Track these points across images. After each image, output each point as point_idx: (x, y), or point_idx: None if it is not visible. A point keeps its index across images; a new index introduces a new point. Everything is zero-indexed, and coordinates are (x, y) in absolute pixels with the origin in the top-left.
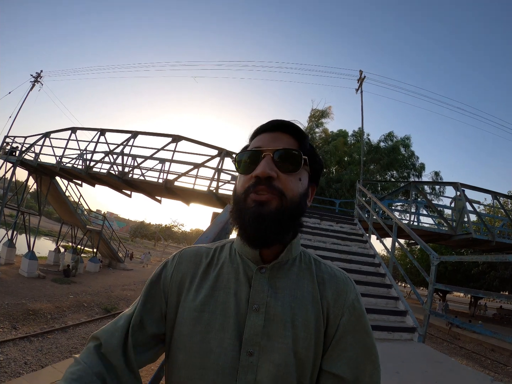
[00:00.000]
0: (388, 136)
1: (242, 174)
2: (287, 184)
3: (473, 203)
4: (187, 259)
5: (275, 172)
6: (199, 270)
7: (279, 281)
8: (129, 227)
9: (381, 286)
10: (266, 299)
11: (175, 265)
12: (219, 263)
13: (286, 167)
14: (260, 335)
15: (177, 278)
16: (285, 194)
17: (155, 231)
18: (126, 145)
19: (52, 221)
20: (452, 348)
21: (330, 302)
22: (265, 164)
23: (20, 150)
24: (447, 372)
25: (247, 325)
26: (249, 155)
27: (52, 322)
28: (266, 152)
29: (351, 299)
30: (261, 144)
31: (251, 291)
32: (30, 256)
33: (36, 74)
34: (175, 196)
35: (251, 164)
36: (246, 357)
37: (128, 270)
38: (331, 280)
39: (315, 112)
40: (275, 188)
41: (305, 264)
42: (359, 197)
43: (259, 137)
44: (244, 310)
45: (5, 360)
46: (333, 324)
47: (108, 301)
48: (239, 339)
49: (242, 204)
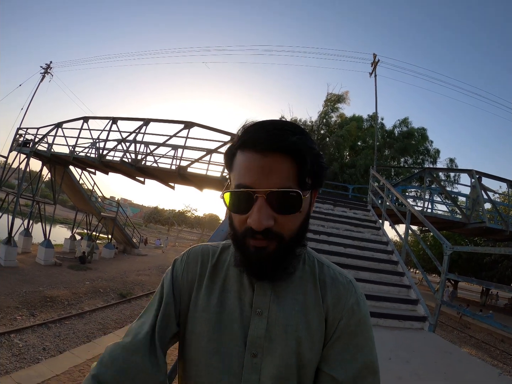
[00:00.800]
0: (403, 122)
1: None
2: (285, 226)
3: (488, 191)
4: (195, 258)
5: (272, 218)
6: (207, 270)
7: (281, 285)
8: (142, 213)
9: (394, 274)
10: (268, 303)
11: (184, 264)
12: (225, 265)
13: (283, 209)
14: (263, 338)
15: (187, 277)
16: (284, 236)
17: (168, 217)
18: (138, 133)
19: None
20: (462, 337)
21: (330, 306)
22: (259, 214)
23: (33, 141)
24: (456, 363)
25: (250, 328)
26: (239, 195)
27: (69, 308)
28: (259, 195)
29: (351, 303)
30: (250, 180)
31: (254, 296)
32: (46, 244)
33: (46, 66)
34: (188, 182)
35: (242, 205)
36: (250, 358)
37: (143, 256)
38: (332, 283)
39: (331, 96)
40: (273, 234)
41: (308, 266)
42: (373, 183)
43: (246, 162)
44: (248, 313)
45: (24, 346)
46: (331, 327)
47: (124, 287)
48: (244, 341)
49: (241, 243)
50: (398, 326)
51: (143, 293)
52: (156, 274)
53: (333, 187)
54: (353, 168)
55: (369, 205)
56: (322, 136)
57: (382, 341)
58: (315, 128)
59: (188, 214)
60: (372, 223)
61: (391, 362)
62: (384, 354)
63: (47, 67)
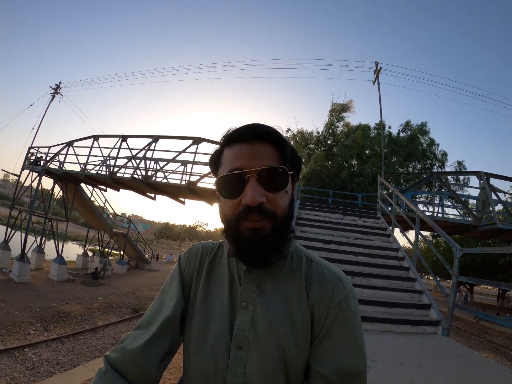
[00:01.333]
0: (406, 126)
1: (227, 199)
2: (277, 204)
3: (498, 192)
4: (195, 254)
5: (264, 196)
6: (205, 265)
7: (267, 280)
8: (154, 229)
9: (405, 280)
10: (254, 297)
11: (186, 260)
12: (221, 260)
13: (273, 186)
14: (248, 331)
15: (188, 271)
16: (276, 214)
17: (179, 232)
18: (148, 150)
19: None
20: (480, 342)
21: (315, 303)
22: (253, 190)
23: (44, 160)
24: (469, 365)
25: (236, 321)
26: (231, 179)
27: (83, 323)
28: (250, 174)
29: (338, 299)
30: (241, 163)
31: (240, 290)
32: (59, 260)
33: (56, 86)
34: (199, 197)
35: (235, 188)
36: (236, 350)
37: (155, 271)
38: (319, 280)
39: (335, 106)
40: (267, 212)
41: (295, 263)
42: (381, 191)
43: (236, 151)
44: (235, 306)
45: (38, 360)
46: (318, 324)
47: (136, 302)
48: (231, 333)
49: (235, 229)
50: (411, 331)
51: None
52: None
53: (343, 197)
54: (361, 177)
55: (378, 212)
56: (329, 147)
57: (395, 346)
58: (322, 139)
59: (199, 229)
60: (382, 231)
61: (403, 366)
62: (396, 359)
63: (56, 87)
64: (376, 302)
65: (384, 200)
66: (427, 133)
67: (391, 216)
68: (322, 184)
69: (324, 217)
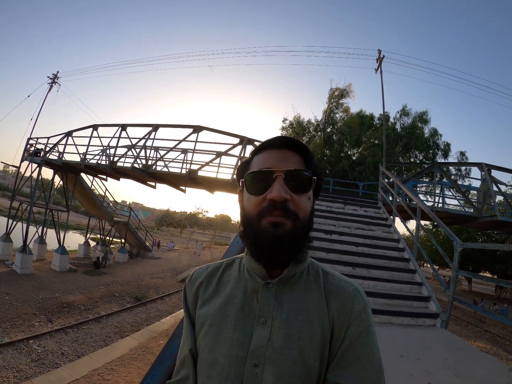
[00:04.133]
0: (402, 112)
1: (252, 195)
2: (300, 205)
3: (499, 184)
4: (198, 279)
5: (289, 194)
6: (210, 287)
7: (285, 295)
8: (154, 216)
9: (405, 271)
10: (272, 312)
11: (190, 287)
12: (228, 279)
13: (297, 188)
14: (265, 347)
15: (193, 298)
16: (299, 216)
17: (180, 219)
18: (148, 138)
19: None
20: (477, 331)
21: (335, 314)
22: (279, 187)
23: (44, 151)
24: (467, 360)
25: (253, 337)
26: (260, 175)
27: (86, 313)
28: (278, 173)
29: (358, 311)
30: (270, 164)
31: (258, 305)
32: (61, 251)
33: (53, 76)
34: (199, 185)
35: (262, 185)
36: (251, 368)
37: (156, 259)
38: (338, 292)
39: (334, 91)
40: (290, 211)
41: (312, 276)
42: (382, 180)
43: (265, 155)
44: (251, 323)
45: (43, 352)
46: (338, 336)
47: (138, 290)
48: (245, 351)
49: (255, 226)
50: (410, 323)
51: (157, 296)
52: (170, 277)
53: (343, 185)
54: (362, 165)
55: (379, 202)
56: (328, 135)
57: (394, 339)
58: (321, 127)
59: (199, 215)
60: (383, 221)
61: (403, 359)
62: (395, 352)
63: (54, 77)
64: (377, 294)
65: (385, 189)
66: (428, 122)
67: (392, 206)
68: (322, 173)
69: (325, 206)
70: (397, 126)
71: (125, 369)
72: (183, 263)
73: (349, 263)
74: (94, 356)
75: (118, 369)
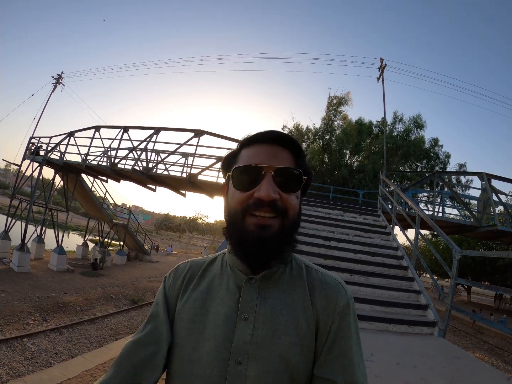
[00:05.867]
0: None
1: (238, 191)
2: (289, 203)
3: (500, 194)
4: (181, 274)
5: (277, 193)
6: (191, 283)
7: (269, 290)
8: (154, 220)
9: (404, 279)
10: (255, 308)
11: (171, 281)
12: (210, 275)
13: (287, 186)
14: (249, 343)
15: (173, 292)
16: (287, 213)
17: (180, 223)
18: (149, 141)
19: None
20: (475, 342)
21: (320, 309)
22: (268, 185)
23: (46, 150)
24: (464, 368)
25: (235, 334)
26: (248, 171)
27: (81, 314)
28: (268, 170)
29: (341, 305)
30: (260, 160)
31: (240, 301)
32: (59, 251)
33: (58, 76)
34: (199, 190)
35: (250, 181)
36: (234, 365)
37: (154, 262)
38: (321, 287)
39: (332, 99)
40: (278, 207)
41: (296, 271)
42: (382, 188)
43: (255, 149)
44: (233, 319)
45: (37, 350)
46: (323, 330)
47: (135, 293)
48: (228, 348)
49: (239, 224)
50: (408, 331)
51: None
52: None
53: (343, 192)
54: (362, 173)
55: (379, 210)
56: (327, 142)
57: (391, 346)
58: (320, 135)
59: (199, 220)
60: (382, 229)
61: (399, 367)
62: (392, 359)
63: (58, 77)
64: (374, 301)
65: (385, 197)
66: (422, 127)
67: (392, 214)
68: (322, 180)
69: (325, 213)
70: (394, 133)
71: None
72: None
73: (347, 270)
74: (88, 356)
75: None
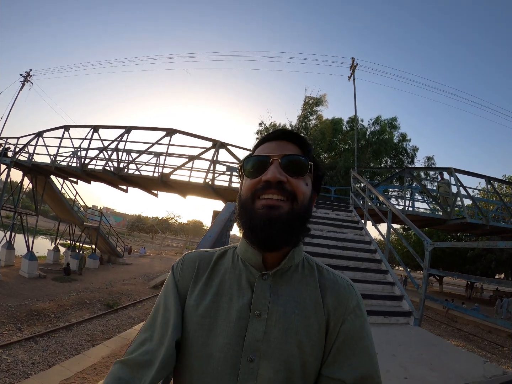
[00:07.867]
0: (376, 121)
1: (249, 178)
2: (298, 187)
3: (467, 188)
4: (190, 264)
5: (284, 176)
6: (202, 276)
7: (281, 287)
8: (126, 222)
9: (377, 272)
10: (268, 305)
11: (179, 271)
12: (221, 269)
13: (294, 172)
14: (261, 341)
15: (183, 283)
16: (296, 196)
17: (152, 224)
18: (120, 141)
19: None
20: (449, 330)
21: (331, 309)
22: (274, 169)
23: (13, 151)
24: (441, 354)
25: (248, 331)
26: (256, 161)
27: (56, 321)
28: (274, 158)
29: (352, 306)
30: (268, 151)
31: (253, 298)
32: (29, 256)
33: (26, 73)
34: (172, 189)
35: (259, 170)
36: (246, 363)
37: (128, 265)
38: (333, 287)
39: (309, 99)
40: (287, 190)
41: (308, 270)
42: (354, 184)
43: (264, 146)
44: (246, 316)
45: (13, 362)
46: (333, 331)
47: (110, 297)
48: (241, 345)
49: (249, 207)
50: (384, 322)
51: (130, 303)
52: (142, 283)
53: None
54: (333, 170)
55: (351, 206)
56: None
57: None
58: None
59: (171, 221)
60: (355, 224)
61: (378, 356)
62: None
63: (26, 75)
64: None
65: (357, 193)
66: (397, 128)
67: (364, 209)
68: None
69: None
70: (368, 132)
71: (97, 377)
72: (155, 269)
73: None
74: (66, 365)
75: (90, 377)
